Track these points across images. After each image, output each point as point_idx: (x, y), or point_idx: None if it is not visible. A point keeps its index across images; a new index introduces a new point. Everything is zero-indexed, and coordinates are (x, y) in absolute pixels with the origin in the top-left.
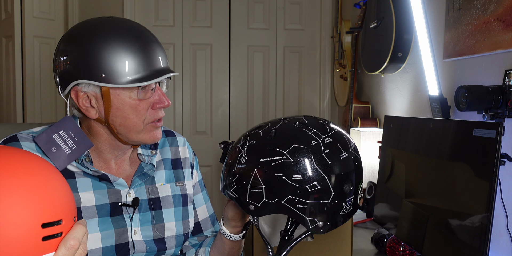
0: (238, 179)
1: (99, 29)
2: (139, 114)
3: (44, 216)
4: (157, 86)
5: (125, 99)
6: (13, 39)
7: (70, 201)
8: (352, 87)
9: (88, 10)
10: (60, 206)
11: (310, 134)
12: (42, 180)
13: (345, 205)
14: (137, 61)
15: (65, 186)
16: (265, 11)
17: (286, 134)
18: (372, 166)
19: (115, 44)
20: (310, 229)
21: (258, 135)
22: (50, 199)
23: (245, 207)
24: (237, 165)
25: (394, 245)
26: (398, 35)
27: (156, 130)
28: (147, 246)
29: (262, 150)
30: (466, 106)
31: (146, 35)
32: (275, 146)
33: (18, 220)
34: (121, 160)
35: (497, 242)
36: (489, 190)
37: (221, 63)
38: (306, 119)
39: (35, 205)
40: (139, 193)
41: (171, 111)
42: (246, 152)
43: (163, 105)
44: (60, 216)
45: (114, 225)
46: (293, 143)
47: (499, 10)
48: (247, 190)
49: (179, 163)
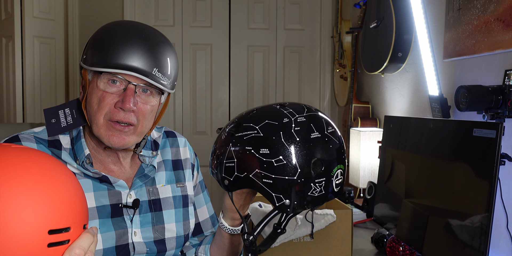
0: (217, 155)
1: (114, 23)
2: (100, 105)
3: (52, 222)
4: (130, 87)
5: (95, 87)
6: (13, 39)
7: (82, 208)
8: (352, 87)
9: (88, 10)
10: (71, 212)
11: (285, 113)
12: (55, 184)
13: (314, 186)
14: (117, 50)
15: (79, 193)
16: (265, 11)
17: (264, 112)
18: (372, 166)
19: (114, 32)
20: (277, 206)
21: (241, 114)
22: (61, 205)
23: (222, 183)
24: (218, 142)
25: (394, 245)
26: (398, 35)
27: (114, 132)
28: (147, 248)
29: (238, 126)
30: (466, 106)
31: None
32: (249, 122)
33: (25, 223)
34: (120, 162)
35: (497, 242)
36: (489, 190)
37: (221, 63)
38: (288, 103)
39: (44, 209)
40: (139, 195)
41: (171, 111)
42: (226, 129)
43: (120, 105)
44: (69, 223)
45: (115, 226)
46: (266, 120)
47: (499, 10)
48: (223, 164)
49: (180, 164)
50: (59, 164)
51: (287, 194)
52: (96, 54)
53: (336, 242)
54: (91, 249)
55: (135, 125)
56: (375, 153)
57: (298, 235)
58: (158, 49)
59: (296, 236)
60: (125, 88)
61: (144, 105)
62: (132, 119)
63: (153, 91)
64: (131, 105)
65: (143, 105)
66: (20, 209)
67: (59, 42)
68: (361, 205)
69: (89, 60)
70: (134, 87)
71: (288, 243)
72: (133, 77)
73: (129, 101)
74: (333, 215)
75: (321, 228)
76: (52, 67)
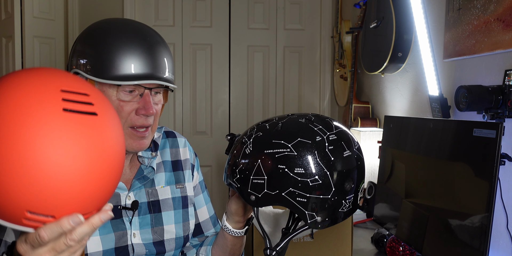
0: (241, 169)
1: (107, 25)
2: (120, 115)
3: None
4: (147, 92)
5: (110, 98)
6: (13, 39)
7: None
8: (352, 87)
9: (88, 10)
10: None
11: (316, 130)
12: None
13: (345, 203)
14: (125, 60)
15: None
16: (265, 11)
17: (292, 128)
18: (372, 166)
19: (113, 39)
20: (309, 223)
21: (265, 127)
22: None
23: (246, 197)
24: (242, 155)
25: (394, 245)
26: (398, 35)
27: (136, 138)
28: (146, 249)
29: (267, 142)
30: (466, 106)
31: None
32: (280, 139)
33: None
34: None
35: (497, 242)
36: (489, 190)
37: (221, 63)
38: (312, 116)
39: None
40: (138, 196)
41: (171, 111)
42: (251, 143)
43: (145, 112)
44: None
45: (114, 228)
46: (298, 137)
47: (499, 10)
48: (249, 180)
49: (180, 165)
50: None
51: (320, 212)
52: (105, 65)
53: (336, 242)
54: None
55: (151, 125)
56: (375, 153)
57: (298, 235)
58: (161, 49)
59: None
60: (141, 94)
61: (157, 105)
62: (151, 121)
63: (162, 90)
64: (154, 110)
65: (156, 106)
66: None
67: (59, 42)
68: (361, 205)
69: (97, 72)
70: (150, 91)
71: None
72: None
73: (151, 107)
74: None
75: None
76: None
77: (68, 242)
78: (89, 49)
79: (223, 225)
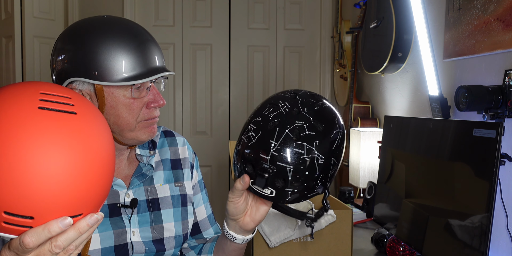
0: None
1: (94, 27)
2: (132, 112)
3: None
4: (152, 85)
5: (119, 98)
6: (13, 39)
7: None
8: (352, 87)
9: (88, 10)
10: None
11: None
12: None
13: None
14: (131, 59)
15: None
16: (265, 11)
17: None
18: (372, 166)
19: (109, 41)
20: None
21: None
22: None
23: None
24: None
25: (394, 245)
26: (398, 35)
27: (149, 126)
28: (145, 247)
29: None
30: (466, 106)
31: (141, 33)
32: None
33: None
34: (119, 160)
35: (497, 242)
36: (489, 190)
37: (221, 63)
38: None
39: None
40: (137, 194)
41: (171, 111)
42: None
43: (157, 105)
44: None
45: (113, 226)
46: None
47: (499, 10)
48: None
49: (179, 163)
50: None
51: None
52: (115, 69)
53: (336, 242)
54: (75, 244)
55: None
56: (375, 153)
57: (298, 235)
58: (154, 42)
59: (296, 236)
60: (148, 87)
61: (159, 96)
62: (159, 112)
63: (162, 80)
64: (164, 101)
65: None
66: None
67: None
68: (361, 205)
69: (113, 75)
70: (154, 84)
71: (288, 243)
72: None
73: (162, 98)
74: (333, 215)
75: (321, 228)
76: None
77: (53, 249)
78: (87, 55)
79: (227, 233)
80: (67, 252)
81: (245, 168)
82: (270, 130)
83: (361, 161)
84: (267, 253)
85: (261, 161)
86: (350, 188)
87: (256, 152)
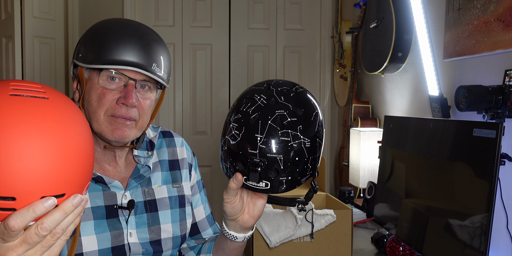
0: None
1: (109, 20)
2: (101, 102)
3: None
4: (131, 83)
5: (94, 85)
6: (13, 39)
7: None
8: (352, 87)
9: (88, 10)
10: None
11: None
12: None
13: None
14: (113, 47)
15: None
16: (265, 11)
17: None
18: (372, 166)
19: (105, 29)
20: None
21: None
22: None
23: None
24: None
25: (394, 245)
26: (398, 35)
27: (116, 126)
28: (143, 248)
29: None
30: (466, 106)
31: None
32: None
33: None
34: (116, 162)
35: (497, 242)
36: (489, 190)
37: (221, 63)
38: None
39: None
40: (135, 195)
41: (171, 111)
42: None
43: (124, 101)
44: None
45: (110, 227)
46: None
47: (499, 10)
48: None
49: (177, 164)
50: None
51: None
52: (93, 51)
53: (336, 242)
54: (62, 226)
55: (137, 120)
56: (375, 153)
57: (298, 235)
58: (154, 45)
59: (296, 236)
60: (125, 84)
61: (144, 100)
62: (133, 114)
63: (151, 86)
64: (134, 101)
65: (143, 100)
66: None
67: (59, 42)
68: (361, 205)
69: (86, 58)
70: (135, 83)
71: (288, 243)
72: (133, 73)
73: (131, 96)
74: (333, 215)
75: (321, 228)
76: (52, 67)
77: (40, 232)
78: (85, 39)
79: (226, 233)
80: (54, 235)
81: (235, 167)
82: (252, 125)
83: (361, 161)
84: (267, 253)
85: (250, 156)
86: (350, 188)
87: (244, 149)
